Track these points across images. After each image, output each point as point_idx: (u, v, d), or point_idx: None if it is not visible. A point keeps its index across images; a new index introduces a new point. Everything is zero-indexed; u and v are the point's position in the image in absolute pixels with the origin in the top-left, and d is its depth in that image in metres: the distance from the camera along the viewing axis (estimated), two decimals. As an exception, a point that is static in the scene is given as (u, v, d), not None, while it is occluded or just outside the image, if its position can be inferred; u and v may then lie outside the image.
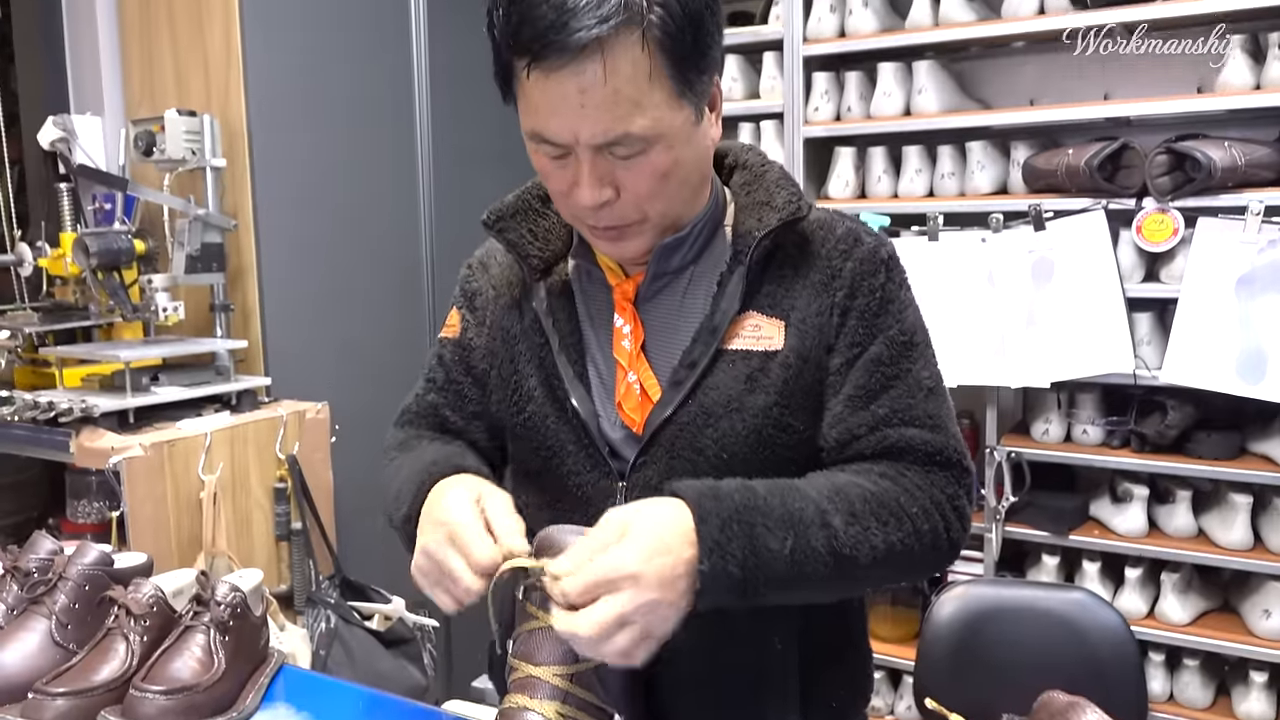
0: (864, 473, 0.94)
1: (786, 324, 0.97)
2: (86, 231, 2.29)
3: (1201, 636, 2.25)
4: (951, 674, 1.79)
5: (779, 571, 0.84)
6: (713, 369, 0.97)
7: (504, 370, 1.08)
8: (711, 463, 0.96)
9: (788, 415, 0.97)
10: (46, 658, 1.13)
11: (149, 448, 1.89)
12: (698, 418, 0.96)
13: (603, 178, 0.90)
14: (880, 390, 0.96)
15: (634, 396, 0.99)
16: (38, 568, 1.23)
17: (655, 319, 1.02)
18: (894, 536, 0.90)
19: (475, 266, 1.17)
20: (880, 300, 0.98)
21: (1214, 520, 2.27)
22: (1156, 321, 2.27)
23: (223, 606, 1.15)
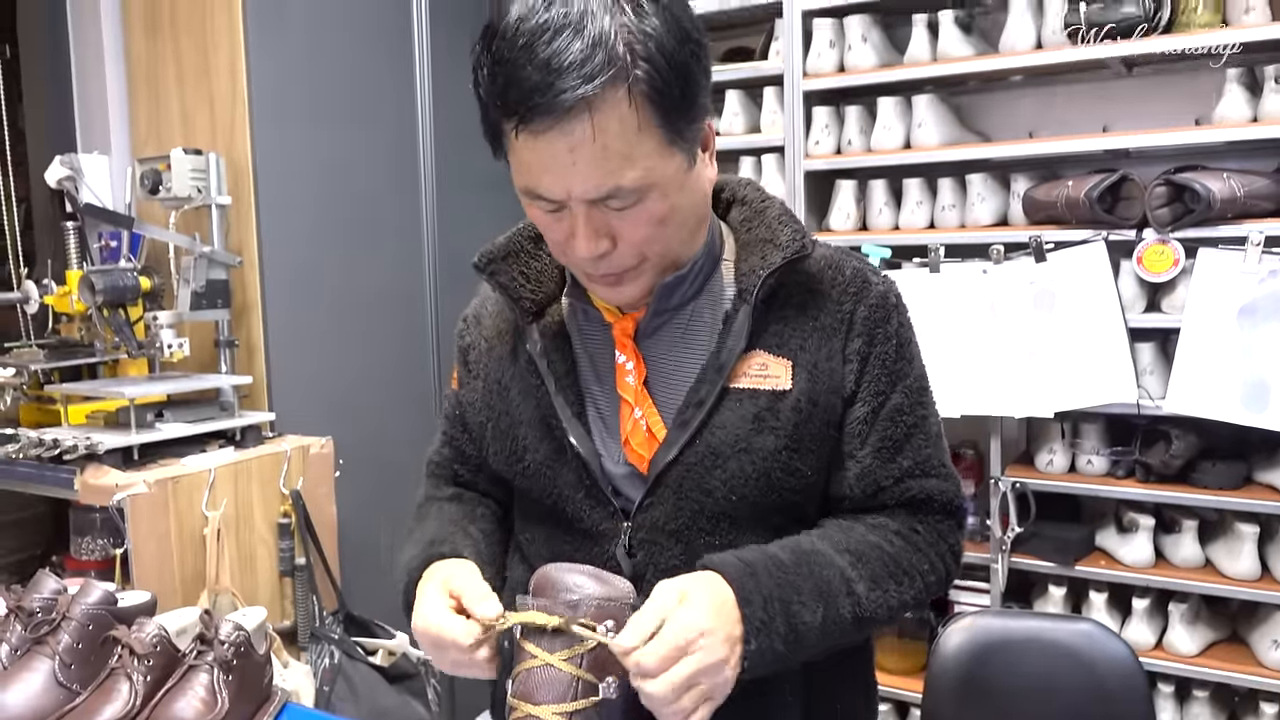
0: (880, 529, 0.98)
1: (794, 364, 0.97)
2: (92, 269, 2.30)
3: (1210, 667, 2.23)
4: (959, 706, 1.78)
5: (813, 641, 0.90)
6: (719, 408, 0.96)
7: (500, 423, 1.08)
8: (720, 504, 0.96)
9: (796, 459, 0.96)
10: (50, 698, 1.13)
11: (153, 484, 1.90)
12: (705, 458, 0.96)
13: (598, 229, 0.90)
14: (904, 440, 0.99)
15: (641, 433, 0.99)
16: (41, 607, 1.23)
17: (656, 356, 1.01)
18: (908, 595, 0.96)
19: (469, 320, 1.17)
20: (896, 346, 0.99)
21: (1221, 550, 2.26)
22: (1159, 351, 2.27)
23: (226, 645, 1.15)
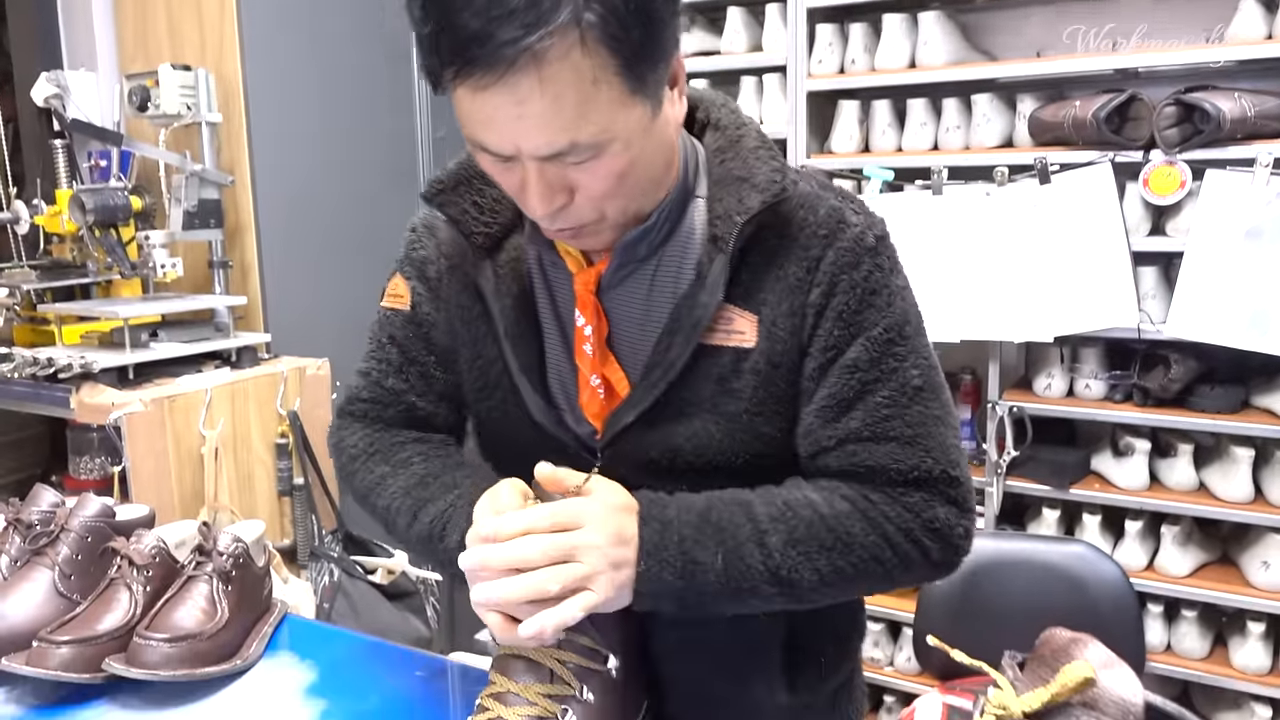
0: (828, 490, 0.89)
1: (759, 320, 0.89)
2: (82, 188, 2.27)
3: (1200, 588, 2.26)
4: (951, 625, 1.80)
5: (712, 583, 0.83)
6: (687, 367, 0.89)
7: (466, 352, 1.01)
8: (685, 462, 0.91)
9: (760, 422, 0.90)
10: (50, 608, 1.13)
11: (149, 403, 1.89)
12: (668, 416, 0.90)
13: (553, 184, 0.81)
14: (854, 399, 0.88)
15: (597, 400, 0.93)
16: (39, 520, 1.23)
17: (621, 309, 0.94)
18: (840, 563, 0.86)
19: (421, 230, 1.05)
20: (862, 295, 0.88)
21: (1215, 474, 2.27)
22: (1162, 275, 2.26)
23: (225, 557, 1.16)
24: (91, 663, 1.04)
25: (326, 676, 1.10)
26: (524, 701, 0.78)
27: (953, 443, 0.90)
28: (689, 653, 0.95)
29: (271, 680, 1.09)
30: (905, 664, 2.64)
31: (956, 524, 0.88)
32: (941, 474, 0.88)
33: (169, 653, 1.04)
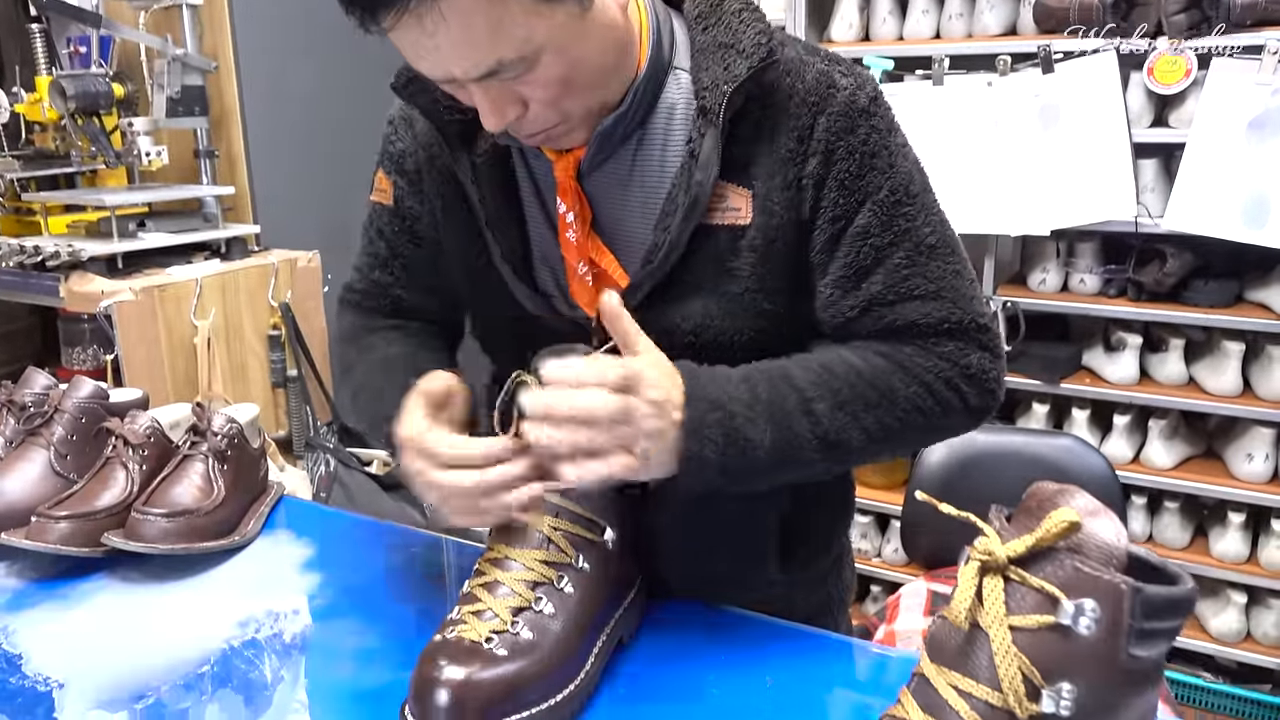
0: (861, 349, 0.87)
1: (753, 195, 0.86)
2: (62, 74, 2.21)
3: (1183, 479, 2.30)
4: (938, 518, 1.83)
5: (760, 460, 0.82)
6: (684, 250, 0.87)
7: (454, 242, 0.99)
8: (685, 342, 0.89)
9: (760, 299, 0.88)
10: (48, 486, 1.14)
11: (139, 292, 1.88)
12: (667, 298, 0.88)
13: (500, 99, 0.79)
14: (872, 265, 0.86)
15: (587, 288, 0.92)
16: (33, 402, 1.23)
17: (604, 192, 0.91)
18: (887, 419, 0.85)
19: (398, 122, 1.02)
20: (862, 159, 0.85)
21: (1205, 368, 2.28)
22: (1162, 169, 2.23)
23: (220, 437, 1.16)
24: (90, 537, 1.05)
25: (324, 553, 1.11)
26: (521, 567, 0.79)
27: (975, 293, 0.89)
28: (684, 529, 0.96)
29: (269, 556, 1.11)
30: (892, 555, 2.70)
31: (991, 368, 0.89)
32: (971, 323, 0.87)
33: (167, 528, 1.05)
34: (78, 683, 0.84)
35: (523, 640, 0.75)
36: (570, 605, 0.79)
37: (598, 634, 0.82)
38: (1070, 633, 0.50)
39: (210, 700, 0.82)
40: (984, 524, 0.54)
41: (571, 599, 0.79)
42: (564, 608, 0.78)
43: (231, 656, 0.89)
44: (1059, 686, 0.51)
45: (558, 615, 0.78)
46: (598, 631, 0.82)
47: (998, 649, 0.51)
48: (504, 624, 0.76)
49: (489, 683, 0.72)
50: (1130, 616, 0.50)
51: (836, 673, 0.86)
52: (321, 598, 1.00)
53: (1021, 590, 0.52)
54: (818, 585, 1.08)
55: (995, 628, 0.51)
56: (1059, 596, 0.50)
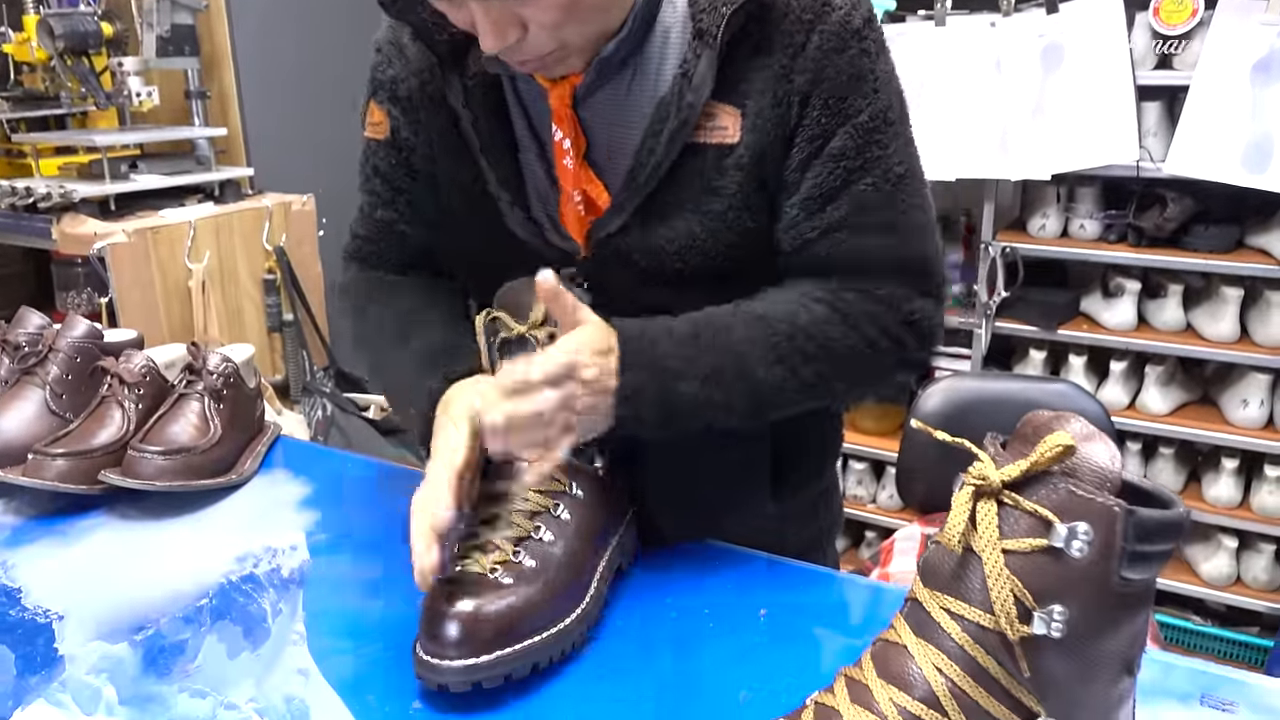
0: (804, 297, 0.87)
1: (742, 114, 0.85)
2: (50, 12, 2.17)
3: (1178, 425, 2.31)
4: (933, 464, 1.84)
5: (697, 416, 0.84)
6: (670, 169, 0.86)
7: (447, 170, 0.97)
8: (668, 266, 0.89)
9: (744, 217, 0.88)
10: (43, 425, 1.14)
11: (132, 234, 1.87)
12: (652, 220, 0.88)
13: (501, 21, 0.77)
14: (840, 188, 0.85)
15: (577, 215, 0.91)
16: (27, 341, 1.22)
17: (599, 118, 0.90)
18: (824, 369, 0.86)
19: (386, 49, 0.99)
20: (848, 80, 0.84)
21: (1203, 314, 2.28)
22: (1165, 112, 2.21)
23: (215, 376, 1.16)
24: (87, 475, 1.05)
25: (321, 491, 1.11)
26: (519, 499, 0.80)
27: (932, 233, 0.90)
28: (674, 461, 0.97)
29: (266, 494, 1.11)
30: (887, 501, 2.72)
31: (933, 314, 0.89)
32: (920, 265, 0.88)
33: (163, 465, 1.05)
34: (77, 615, 0.85)
35: (527, 568, 0.76)
36: (569, 532, 0.80)
37: (598, 559, 0.83)
38: (1062, 555, 0.51)
39: (209, 631, 0.83)
40: (978, 450, 0.54)
41: (569, 526, 0.80)
42: (563, 534, 0.80)
43: (230, 590, 0.89)
44: (1050, 609, 0.51)
45: (558, 541, 0.79)
46: (598, 556, 0.83)
47: (990, 572, 0.51)
48: (506, 555, 0.76)
49: (497, 613, 0.73)
50: (1123, 539, 0.50)
51: (830, 605, 0.87)
52: (319, 534, 1.01)
53: (1015, 514, 0.52)
54: (808, 518, 1.09)
55: (988, 551, 0.51)
56: (1052, 520, 0.50)
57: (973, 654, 0.52)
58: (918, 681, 0.52)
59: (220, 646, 0.81)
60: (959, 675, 0.52)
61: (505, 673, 0.73)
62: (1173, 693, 0.73)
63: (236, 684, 0.75)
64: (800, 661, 0.78)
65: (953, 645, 0.52)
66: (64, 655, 0.80)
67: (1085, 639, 0.52)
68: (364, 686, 0.75)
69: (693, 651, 0.79)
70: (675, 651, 0.79)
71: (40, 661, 0.78)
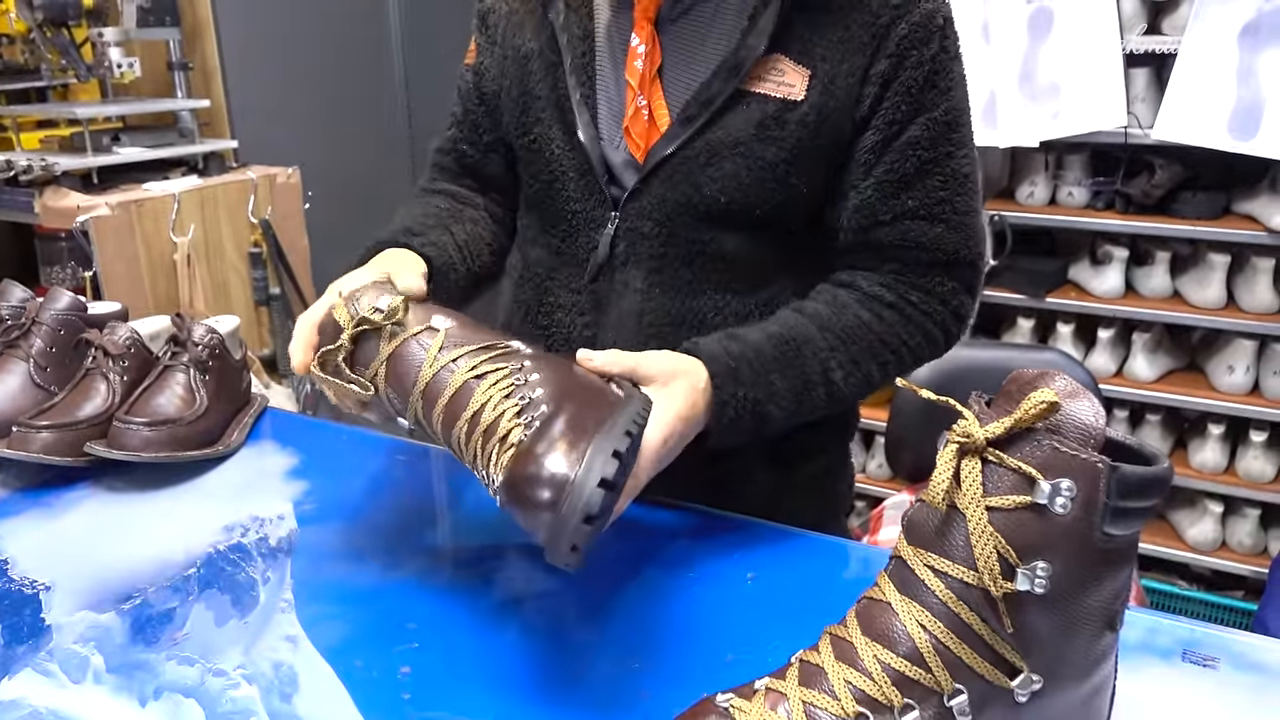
0: (872, 302, 0.94)
1: (812, 75, 0.89)
2: (27, -18, 2.14)
3: (1165, 393, 2.32)
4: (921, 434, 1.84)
5: (781, 428, 0.91)
6: (727, 109, 0.91)
7: (513, 91, 1.03)
8: (707, 203, 0.93)
9: (793, 174, 0.91)
10: (27, 398, 1.13)
11: (116, 207, 1.85)
12: (702, 154, 0.92)
13: None
14: (914, 177, 0.91)
15: (641, 122, 0.95)
16: (10, 314, 1.21)
17: (675, 44, 0.95)
18: (893, 371, 0.94)
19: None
20: (929, 74, 0.89)
21: (1190, 281, 2.29)
22: (1153, 78, 2.20)
23: (200, 347, 1.15)
24: (73, 447, 1.04)
25: (309, 462, 1.11)
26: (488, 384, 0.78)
27: (983, 234, 0.97)
28: None
29: (254, 465, 1.11)
30: (876, 470, 2.73)
31: (971, 307, 0.98)
32: (972, 261, 0.95)
33: (149, 437, 1.04)
34: (64, 585, 0.85)
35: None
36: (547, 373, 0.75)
37: None
38: (1046, 512, 0.51)
39: (197, 600, 0.83)
40: (963, 408, 0.54)
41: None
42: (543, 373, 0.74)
43: (217, 559, 0.89)
44: (1034, 565, 0.51)
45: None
46: None
47: (974, 529, 0.51)
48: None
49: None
50: (1105, 495, 0.51)
51: (818, 569, 0.87)
52: (307, 504, 1.00)
53: (999, 472, 0.52)
54: (812, 493, 1.09)
55: (972, 508, 0.51)
56: (1036, 476, 0.50)
57: (956, 610, 0.52)
58: (902, 638, 0.53)
59: (208, 615, 0.82)
60: (943, 631, 0.52)
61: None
62: (1155, 649, 0.74)
63: (225, 651, 0.76)
64: (788, 624, 0.78)
65: (936, 602, 0.52)
66: (51, 625, 0.80)
67: (1068, 595, 0.52)
68: (352, 652, 0.75)
69: (679, 615, 0.79)
70: (662, 615, 0.80)
71: (27, 632, 0.78)
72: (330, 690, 0.71)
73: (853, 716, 0.52)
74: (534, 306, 1.06)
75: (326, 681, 0.72)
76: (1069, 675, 0.54)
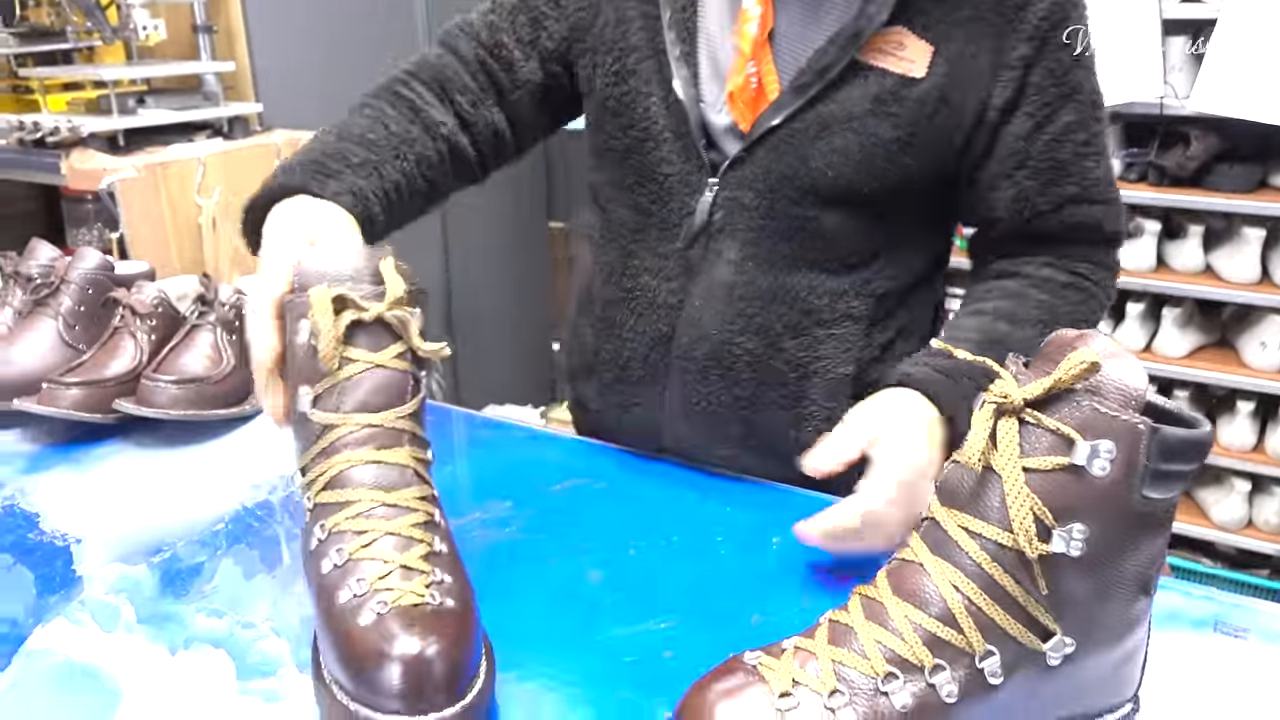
0: (1048, 285, 0.91)
1: (936, 52, 0.86)
2: (53, -57, 2.13)
3: (1195, 368, 2.29)
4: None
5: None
6: (843, 81, 0.87)
7: (608, 33, 0.96)
8: (814, 178, 0.89)
9: (907, 154, 0.88)
10: (57, 355, 1.14)
11: (142, 169, 1.85)
12: (812, 127, 0.88)
13: None
14: (1070, 163, 0.89)
15: (749, 90, 0.90)
16: (39, 273, 1.22)
17: (790, 8, 0.89)
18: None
19: None
20: (1072, 56, 0.87)
21: (1223, 256, 2.25)
22: (1191, 47, 2.15)
23: (227, 307, 1.15)
24: (101, 403, 1.05)
25: (334, 422, 1.11)
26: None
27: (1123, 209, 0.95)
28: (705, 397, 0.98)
29: (280, 425, 1.11)
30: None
31: (1115, 278, 0.97)
32: (1122, 235, 0.95)
33: (177, 394, 1.05)
34: (95, 538, 0.86)
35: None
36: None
37: None
38: (1084, 474, 0.50)
39: (225, 554, 0.83)
40: (1000, 368, 0.53)
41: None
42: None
43: (244, 515, 0.90)
44: (1070, 527, 0.50)
45: None
46: None
47: (1010, 490, 0.50)
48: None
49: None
50: (1146, 458, 0.50)
51: (844, 534, 0.86)
52: (333, 463, 1.01)
53: (1037, 433, 0.51)
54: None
55: (1008, 469, 0.50)
56: (1074, 437, 0.50)
57: (990, 572, 0.51)
58: (934, 599, 0.52)
59: (236, 569, 0.82)
60: (975, 593, 0.51)
61: None
62: (1185, 619, 0.73)
63: (253, 604, 0.76)
64: (814, 587, 0.78)
65: (970, 563, 0.52)
66: (83, 576, 0.81)
67: (1104, 558, 0.52)
68: (379, 608, 0.75)
69: (704, 577, 0.79)
70: (686, 577, 0.79)
71: (60, 582, 0.79)
72: (357, 644, 0.71)
73: (882, 676, 0.51)
74: (618, 269, 1.01)
75: (353, 636, 0.72)
76: (1102, 639, 0.53)
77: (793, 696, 0.51)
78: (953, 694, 0.51)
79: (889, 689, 0.51)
